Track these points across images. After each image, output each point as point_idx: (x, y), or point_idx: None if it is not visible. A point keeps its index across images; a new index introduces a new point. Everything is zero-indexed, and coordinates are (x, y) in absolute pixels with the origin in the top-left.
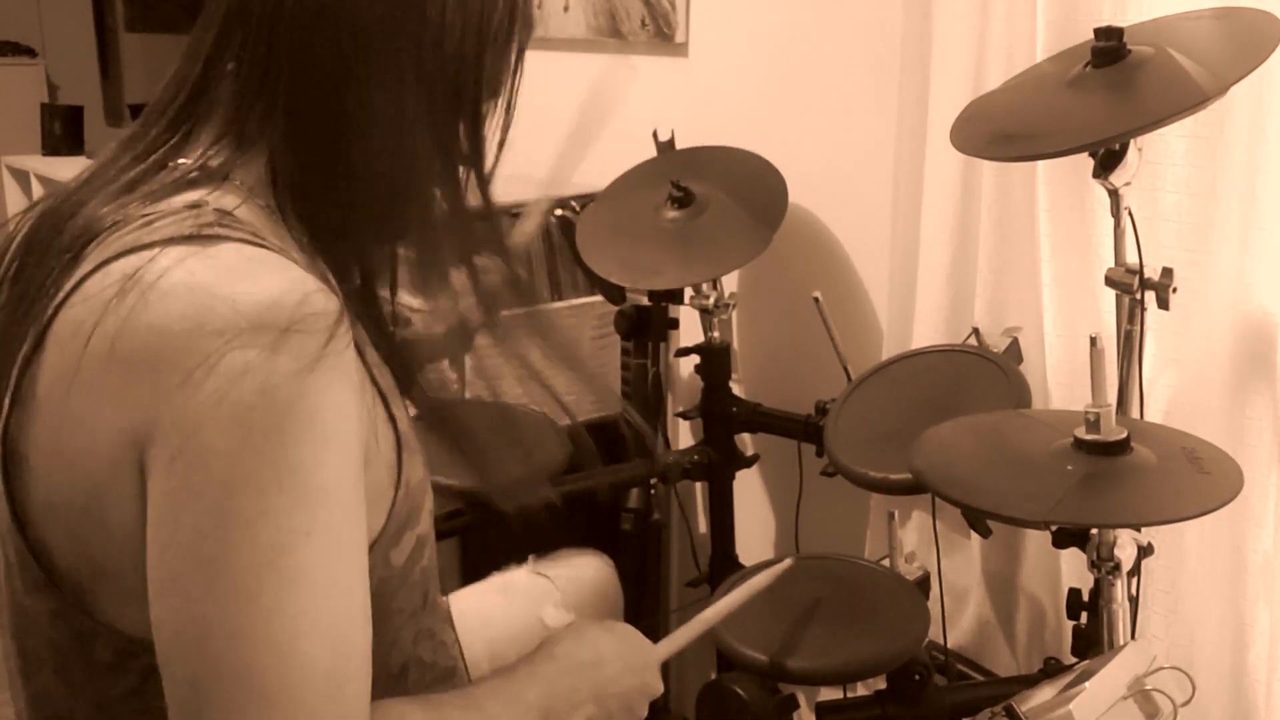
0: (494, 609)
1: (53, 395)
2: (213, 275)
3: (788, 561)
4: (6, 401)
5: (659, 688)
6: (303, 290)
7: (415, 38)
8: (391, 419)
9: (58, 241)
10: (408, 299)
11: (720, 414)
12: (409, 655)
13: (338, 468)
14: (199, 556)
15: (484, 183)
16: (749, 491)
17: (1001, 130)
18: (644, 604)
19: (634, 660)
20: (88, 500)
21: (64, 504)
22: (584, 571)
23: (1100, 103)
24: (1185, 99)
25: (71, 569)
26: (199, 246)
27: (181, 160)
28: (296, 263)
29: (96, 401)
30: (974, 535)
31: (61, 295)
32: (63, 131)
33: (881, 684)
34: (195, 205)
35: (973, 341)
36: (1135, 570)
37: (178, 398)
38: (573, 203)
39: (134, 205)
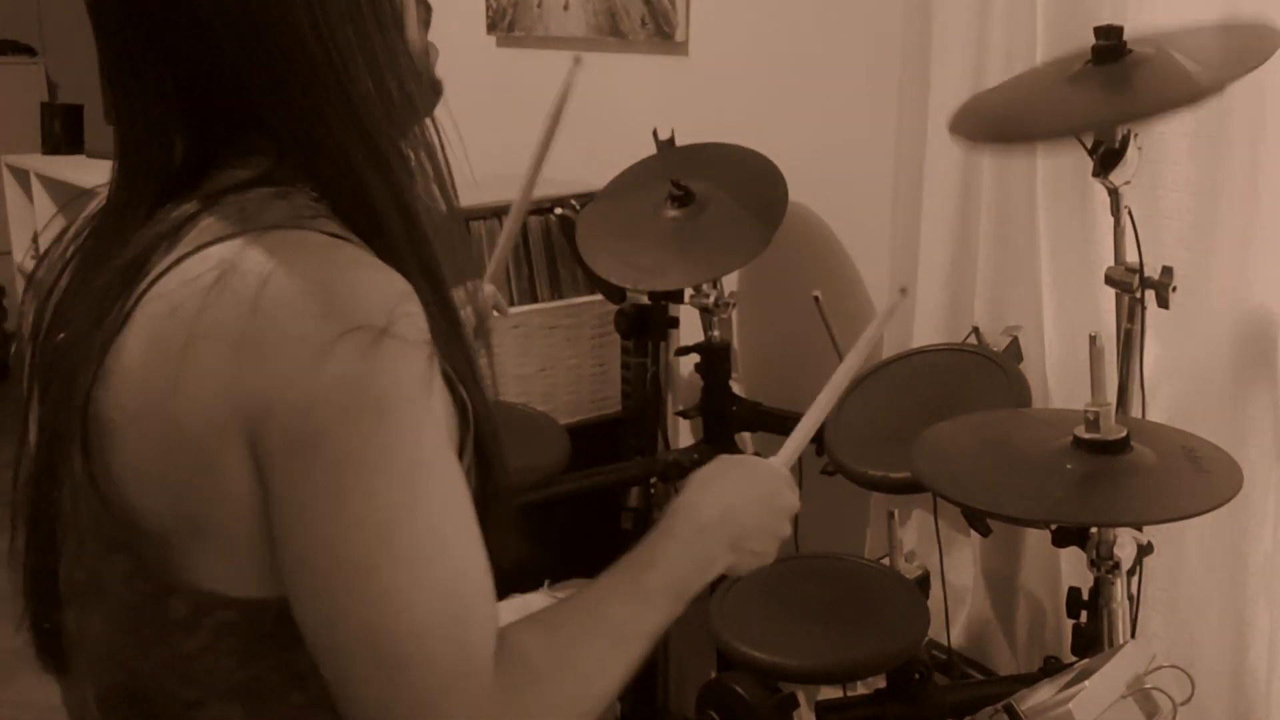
0: None
1: (149, 369)
2: (311, 264)
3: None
4: (90, 375)
5: (794, 502)
6: (399, 288)
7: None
8: (457, 402)
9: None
10: None
11: (720, 413)
12: None
13: (431, 441)
14: (321, 539)
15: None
16: None
17: (999, 122)
18: None
19: (760, 492)
20: (194, 465)
21: (159, 469)
22: None
23: (1098, 95)
24: (1184, 93)
25: (160, 528)
26: (295, 234)
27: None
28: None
29: (202, 378)
30: (974, 534)
31: (155, 275)
32: (63, 131)
33: (881, 683)
34: (283, 195)
35: (973, 341)
36: (1135, 569)
37: (284, 382)
38: (573, 202)
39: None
